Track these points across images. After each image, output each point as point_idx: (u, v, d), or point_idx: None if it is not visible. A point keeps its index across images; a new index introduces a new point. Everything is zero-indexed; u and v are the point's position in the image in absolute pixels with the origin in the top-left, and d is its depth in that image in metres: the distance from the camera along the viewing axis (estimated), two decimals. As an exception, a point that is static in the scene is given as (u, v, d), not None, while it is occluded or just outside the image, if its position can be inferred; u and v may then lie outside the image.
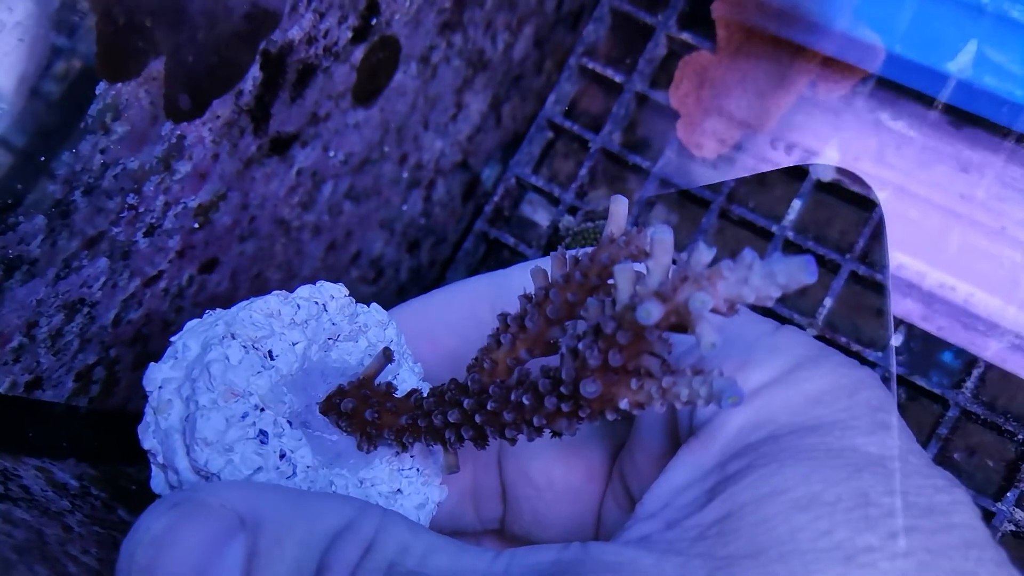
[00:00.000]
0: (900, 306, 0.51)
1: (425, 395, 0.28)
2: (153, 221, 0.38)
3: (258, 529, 0.23)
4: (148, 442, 0.28)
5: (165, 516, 0.24)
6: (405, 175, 0.53)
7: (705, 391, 0.20)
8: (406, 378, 0.32)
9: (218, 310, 0.30)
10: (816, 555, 0.21)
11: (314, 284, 0.31)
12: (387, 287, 0.57)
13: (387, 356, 0.29)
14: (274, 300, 0.30)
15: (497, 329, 0.27)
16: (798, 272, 0.18)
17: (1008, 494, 0.46)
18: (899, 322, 0.51)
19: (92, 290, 0.37)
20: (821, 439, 0.24)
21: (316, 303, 0.30)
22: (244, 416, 0.27)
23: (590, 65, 0.58)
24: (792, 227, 0.54)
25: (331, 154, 0.46)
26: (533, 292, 0.27)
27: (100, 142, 0.33)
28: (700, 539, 0.23)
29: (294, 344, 0.29)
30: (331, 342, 0.30)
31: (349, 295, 0.31)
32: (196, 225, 0.40)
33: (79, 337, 0.37)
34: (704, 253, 0.20)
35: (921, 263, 0.51)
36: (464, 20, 0.50)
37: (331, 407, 0.29)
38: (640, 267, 0.22)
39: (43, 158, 0.32)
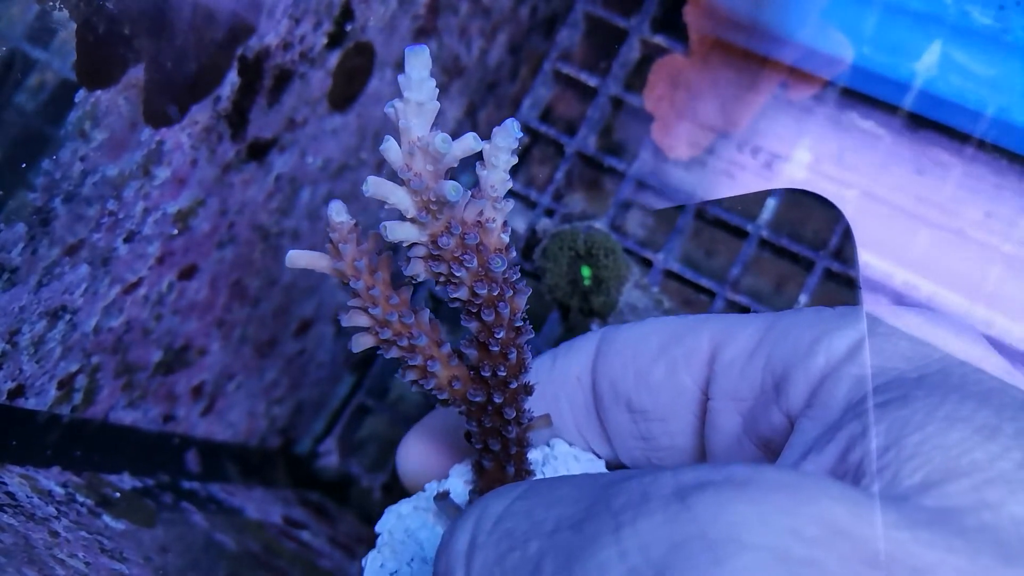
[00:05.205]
0: (868, 304, 0.52)
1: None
2: (133, 227, 0.38)
3: None
4: None
5: None
6: (383, 181, 0.53)
7: (503, 157, 0.25)
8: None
9: None
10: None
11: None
12: (367, 293, 0.57)
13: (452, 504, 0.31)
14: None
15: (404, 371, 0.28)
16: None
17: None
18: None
19: (73, 297, 0.37)
20: (958, 377, 0.22)
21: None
22: None
23: (565, 70, 0.59)
24: (767, 226, 0.55)
25: (309, 160, 0.46)
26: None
27: (80, 149, 0.34)
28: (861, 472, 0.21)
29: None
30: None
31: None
32: (175, 231, 0.40)
33: (61, 344, 0.37)
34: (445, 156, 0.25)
35: (887, 263, 0.52)
36: (439, 26, 0.51)
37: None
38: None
39: (23, 165, 0.32)
